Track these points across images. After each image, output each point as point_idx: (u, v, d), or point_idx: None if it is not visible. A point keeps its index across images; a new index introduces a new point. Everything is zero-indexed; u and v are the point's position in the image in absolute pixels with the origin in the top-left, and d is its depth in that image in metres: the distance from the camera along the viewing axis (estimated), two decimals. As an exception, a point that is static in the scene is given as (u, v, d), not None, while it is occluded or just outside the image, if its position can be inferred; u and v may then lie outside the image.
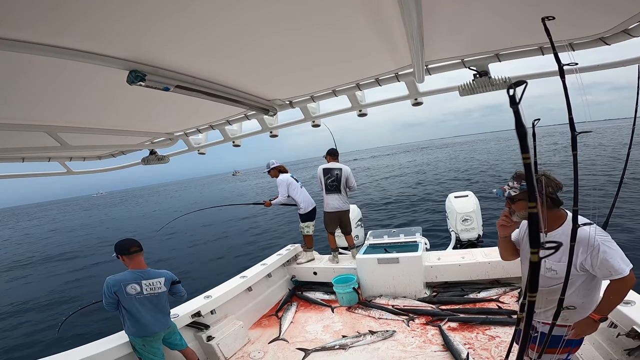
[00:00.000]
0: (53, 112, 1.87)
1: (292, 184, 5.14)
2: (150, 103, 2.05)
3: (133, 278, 2.83)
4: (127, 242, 2.93)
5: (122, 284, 2.77)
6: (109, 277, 2.79)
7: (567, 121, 1.35)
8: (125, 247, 2.87)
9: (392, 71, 2.21)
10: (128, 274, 2.85)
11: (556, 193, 1.91)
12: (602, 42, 1.79)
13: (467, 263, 4.24)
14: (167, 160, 3.34)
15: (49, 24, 1.01)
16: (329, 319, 4.15)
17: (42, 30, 1.03)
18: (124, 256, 2.87)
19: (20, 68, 1.26)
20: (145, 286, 2.86)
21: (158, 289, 2.94)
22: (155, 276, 2.95)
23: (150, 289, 2.89)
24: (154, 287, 2.92)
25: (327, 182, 4.95)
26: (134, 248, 2.90)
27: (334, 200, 4.97)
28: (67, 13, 0.97)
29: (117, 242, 2.91)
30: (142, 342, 2.84)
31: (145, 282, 2.87)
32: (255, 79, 1.99)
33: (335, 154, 5.15)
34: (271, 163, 5.32)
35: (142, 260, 2.95)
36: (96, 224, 30.50)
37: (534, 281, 0.88)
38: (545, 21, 1.32)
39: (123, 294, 2.76)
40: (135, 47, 1.29)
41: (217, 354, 3.47)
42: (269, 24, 1.31)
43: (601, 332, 2.41)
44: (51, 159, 2.91)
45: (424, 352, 3.18)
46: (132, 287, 2.80)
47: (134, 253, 2.89)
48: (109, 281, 2.76)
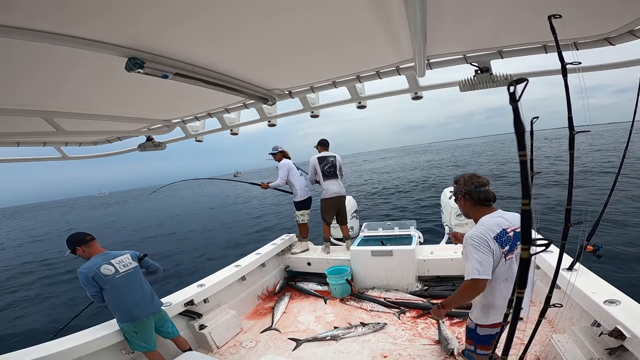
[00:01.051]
0: (49, 97, 1.85)
1: (293, 170, 5.16)
2: (148, 90, 2.03)
3: (102, 260, 2.79)
4: (78, 234, 2.86)
5: (95, 267, 2.71)
6: (79, 268, 2.72)
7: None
8: (81, 238, 2.82)
9: (393, 64, 2.20)
10: (96, 257, 2.80)
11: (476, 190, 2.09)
12: (607, 42, 1.78)
13: (459, 258, 4.28)
14: (164, 147, 3.33)
15: (48, 11, 1.00)
16: (321, 309, 4.20)
17: (42, 17, 1.02)
18: (82, 247, 2.80)
19: (15, 54, 1.25)
20: (117, 264, 2.82)
21: (130, 265, 2.91)
22: (121, 254, 2.93)
23: (123, 265, 2.85)
24: (125, 263, 2.89)
25: (324, 168, 4.97)
26: (88, 237, 2.86)
27: (333, 185, 4.99)
28: (69, 3, 0.96)
29: (67, 238, 2.81)
30: (134, 329, 2.82)
31: (115, 261, 2.83)
32: (255, 68, 1.97)
33: (327, 144, 5.22)
34: (278, 147, 5.34)
35: (98, 246, 2.91)
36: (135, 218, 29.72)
37: (523, 277, 0.90)
38: (552, 19, 1.32)
39: (101, 278, 2.71)
40: (134, 34, 1.27)
41: (209, 342, 3.49)
42: (270, 12, 1.29)
43: (584, 330, 2.45)
44: (46, 144, 2.88)
45: (413, 345, 3.23)
46: (106, 268, 2.75)
47: (90, 241, 2.85)
48: (82, 270, 2.70)
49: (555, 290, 1.71)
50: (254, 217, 18.44)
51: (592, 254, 2.77)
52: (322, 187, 5.03)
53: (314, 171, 5.04)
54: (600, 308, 2.37)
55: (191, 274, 8.78)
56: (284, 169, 5.10)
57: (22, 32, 1.04)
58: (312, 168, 5.04)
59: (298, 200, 5.19)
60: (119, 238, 17.71)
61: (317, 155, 5.06)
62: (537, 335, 1.80)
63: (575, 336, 2.47)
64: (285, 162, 5.17)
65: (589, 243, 2.80)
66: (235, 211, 22.06)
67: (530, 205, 0.80)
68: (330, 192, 4.97)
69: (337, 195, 5.01)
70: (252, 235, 13.45)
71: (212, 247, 12.52)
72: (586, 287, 2.64)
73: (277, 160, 5.29)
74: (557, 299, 1.66)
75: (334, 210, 5.12)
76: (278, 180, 5.08)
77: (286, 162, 5.17)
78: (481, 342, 2.17)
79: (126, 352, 2.94)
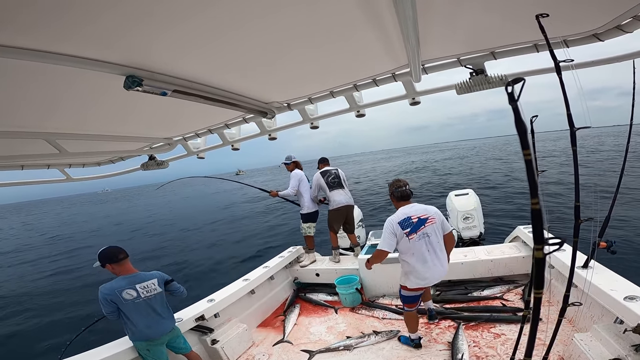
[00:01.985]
0: (52, 119, 1.87)
1: (304, 181, 5.13)
2: (147, 108, 2.04)
3: (127, 283, 2.78)
4: (113, 249, 2.84)
5: (117, 290, 2.72)
6: (101, 286, 2.72)
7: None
8: (113, 255, 2.80)
9: (389, 71, 2.21)
10: (121, 280, 2.79)
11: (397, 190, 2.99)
12: (595, 39, 1.79)
13: (469, 261, 4.23)
14: (167, 166, 3.34)
15: (48, 32, 1.01)
16: (332, 320, 4.14)
17: (42, 38, 1.03)
18: (113, 264, 2.79)
19: (18, 75, 1.26)
20: (141, 289, 2.82)
21: (154, 291, 2.90)
22: (148, 278, 2.92)
23: (146, 291, 2.85)
24: (149, 289, 2.88)
25: (328, 180, 4.97)
26: (122, 255, 2.84)
27: (340, 195, 4.97)
28: (66, 21, 0.97)
29: (100, 250, 2.80)
30: (147, 347, 2.82)
31: (140, 286, 2.83)
32: (253, 82, 1.98)
33: (326, 160, 5.32)
34: (292, 157, 5.31)
35: (130, 265, 2.90)
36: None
37: (539, 278, 0.87)
38: (540, 18, 1.32)
39: (120, 301, 2.71)
40: (132, 53, 1.28)
41: (222, 357, 3.46)
42: (266, 28, 1.30)
43: (608, 328, 2.40)
44: (50, 166, 2.91)
45: (429, 352, 3.17)
46: (128, 293, 2.75)
47: (122, 260, 2.83)
48: (103, 290, 2.69)
49: (572, 289, 1.68)
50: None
51: (606, 250, 2.72)
52: (330, 199, 5.00)
53: (318, 187, 5.04)
54: (621, 305, 2.33)
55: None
56: (295, 179, 5.07)
57: (17, 51, 1.05)
58: (316, 184, 5.03)
59: (305, 212, 5.15)
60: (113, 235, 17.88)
61: (320, 171, 5.10)
62: (559, 335, 1.76)
63: (598, 334, 2.43)
64: (297, 172, 5.15)
65: (601, 239, 2.76)
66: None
67: (541, 204, 0.78)
68: (338, 203, 4.95)
69: (345, 205, 4.99)
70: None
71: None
72: (604, 284, 2.59)
73: (289, 170, 5.27)
74: (575, 298, 1.63)
75: (342, 220, 5.11)
76: (288, 189, 5.06)
77: (298, 172, 5.15)
78: (406, 302, 3.09)
79: None
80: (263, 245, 11.88)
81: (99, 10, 0.95)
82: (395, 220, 2.86)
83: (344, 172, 5.23)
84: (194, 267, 10.67)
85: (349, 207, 5.08)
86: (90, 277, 10.45)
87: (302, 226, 5.25)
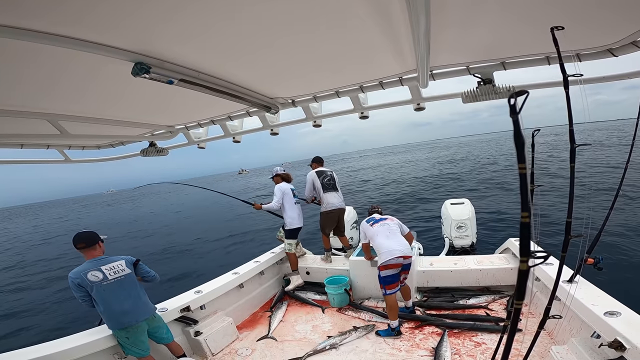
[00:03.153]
0: (55, 101, 1.87)
1: (288, 195, 4.95)
2: (152, 95, 2.05)
3: (92, 266, 2.77)
4: (82, 234, 2.86)
5: (82, 273, 2.70)
6: (70, 272, 2.73)
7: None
8: (75, 243, 2.81)
9: (396, 75, 2.21)
10: (86, 263, 2.78)
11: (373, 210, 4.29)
12: (609, 54, 1.79)
13: (458, 269, 4.27)
14: (166, 153, 3.34)
15: (60, 15, 1.02)
16: (318, 319, 4.16)
17: (53, 20, 1.04)
18: (78, 250, 2.81)
19: (26, 56, 1.27)
20: (107, 271, 2.79)
21: (122, 271, 2.87)
22: (114, 260, 2.89)
23: (113, 272, 2.82)
24: (116, 269, 2.85)
25: (324, 181, 4.97)
26: (81, 244, 2.82)
27: (334, 198, 4.98)
28: (78, 5, 0.98)
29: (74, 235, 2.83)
30: (126, 335, 2.79)
31: (106, 267, 2.80)
32: (259, 77, 1.99)
33: (321, 160, 5.28)
34: (275, 170, 5.16)
35: (97, 251, 2.88)
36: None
37: (520, 289, 0.90)
38: (555, 31, 1.32)
39: (87, 284, 2.68)
40: (142, 40, 1.30)
41: (205, 349, 3.45)
42: (277, 24, 1.32)
43: (584, 342, 2.44)
44: (50, 147, 2.90)
45: (411, 356, 3.20)
46: (93, 275, 2.72)
47: (82, 249, 2.83)
48: (70, 275, 2.71)
49: (555, 302, 1.70)
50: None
51: (593, 267, 2.76)
52: (323, 201, 4.99)
53: (312, 187, 5.03)
54: (600, 319, 2.36)
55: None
56: (278, 193, 4.91)
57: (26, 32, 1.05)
58: (310, 183, 5.03)
59: (287, 228, 4.96)
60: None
61: (315, 171, 5.08)
62: (536, 347, 1.78)
63: (575, 348, 2.46)
64: (281, 186, 4.98)
65: (589, 255, 2.79)
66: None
67: (530, 219, 0.81)
68: (331, 205, 4.96)
69: (338, 208, 5.01)
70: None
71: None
72: (586, 299, 2.62)
73: (275, 183, 5.11)
74: (557, 311, 1.66)
75: (334, 223, 5.12)
76: (273, 202, 4.89)
77: (283, 186, 4.98)
78: (386, 283, 3.59)
79: (119, 356, 2.90)
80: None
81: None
82: (364, 221, 4.10)
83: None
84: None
85: (341, 210, 5.11)
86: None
87: (286, 241, 5.01)
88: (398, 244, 3.69)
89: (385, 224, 3.90)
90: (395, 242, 3.71)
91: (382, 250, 3.65)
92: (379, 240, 3.75)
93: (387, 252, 3.59)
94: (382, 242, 3.71)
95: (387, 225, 3.89)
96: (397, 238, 3.78)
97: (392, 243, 3.68)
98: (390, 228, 3.86)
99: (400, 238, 3.81)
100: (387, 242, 3.70)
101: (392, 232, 3.84)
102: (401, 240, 3.78)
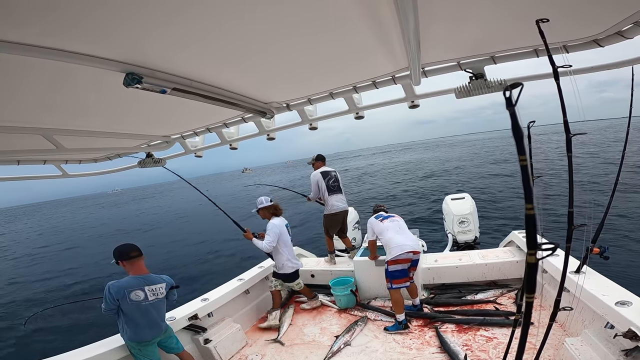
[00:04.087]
0: (49, 115, 1.86)
1: (284, 235, 4.17)
2: (146, 105, 2.04)
3: (137, 284, 2.76)
4: (127, 247, 2.85)
5: (126, 290, 2.70)
6: (111, 282, 2.70)
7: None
8: (125, 252, 2.81)
9: (389, 74, 2.22)
10: (131, 279, 2.77)
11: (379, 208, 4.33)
12: (595, 44, 1.80)
13: (464, 265, 4.25)
14: (164, 163, 3.33)
15: (48, 26, 1.00)
16: (326, 321, 4.14)
17: (41, 32, 1.03)
18: (125, 262, 2.79)
19: (17, 70, 1.25)
20: (149, 292, 2.81)
21: (161, 295, 2.90)
22: (158, 282, 2.91)
23: (153, 294, 2.84)
24: (157, 292, 2.87)
25: (329, 183, 4.94)
26: (134, 253, 2.83)
27: (339, 200, 4.96)
28: (67, 16, 0.97)
29: (116, 247, 2.83)
30: (138, 347, 2.81)
31: (149, 288, 2.82)
32: (253, 82, 1.99)
33: (324, 159, 5.19)
34: (260, 202, 4.26)
35: (143, 265, 2.89)
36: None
37: (531, 282, 0.89)
38: (540, 23, 1.33)
39: (126, 301, 2.69)
40: (132, 50, 1.28)
41: (215, 357, 3.44)
42: (268, 30, 1.31)
43: (598, 333, 2.43)
44: (47, 162, 2.89)
45: (422, 354, 3.18)
46: (136, 294, 2.74)
47: (135, 258, 2.82)
48: (111, 287, 2.67)
49: (564, 294, 1.69)
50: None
51: (599, 256, 2.75)
52: (327, 203, 4.95)
53: (317, 187, 4.98)
54: (612, 310, 2.35)
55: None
56: (272, 233, 4.03)
57: (13, 46, 1.04)
58: (316, 184, 4.98)
59: (281, 273, 4.22)
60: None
61: (320, 171, 5.02)
62: (550, 340, 1.78)
63: (589, 339, 2.45)
64: (275, 223, 4.12)
65: (594, 245, 2.78)
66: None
67: (534, 210, 0.79)
68: (337, 208, 4.94)
69: (342, 210, 5.01)
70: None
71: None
72: (596, 290, 2.62)
73: (262, 217, 4.28)
74: (567, 302, 1.64)
75: (338, 225, 5.10)
76: (264, 243, 4.01)
77: (277, 223, 4.13)
78: (394, 277, 3.63)
79: None
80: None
81: (94, 4, 0.94)
82: (372, 217, 4.15)
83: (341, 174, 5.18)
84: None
85: (345, 212, 5.10)
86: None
87: (271, 279, 4.35)
88: (408, 239, 3.76)
89: (395, 220, 3.99)
90: (405, 237, 3.78)
91: (392, 245, 3.68)
92: (389, 235, 3.78)
93: (397, 247, 3.63)
94: (393, 237, 3.74)
95: (397, 221, 3.98)
96: (406, 234, 3.87)
97: (402, 238, 3.74)
98: (400, 224, 3.95)
99: (409, 234, 3.90)
100: (397, 237, 3.74)
101: (402, 228, 3.93)
102: (411, 236, 3.86)
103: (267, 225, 4.12)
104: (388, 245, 3.75)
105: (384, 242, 3.84)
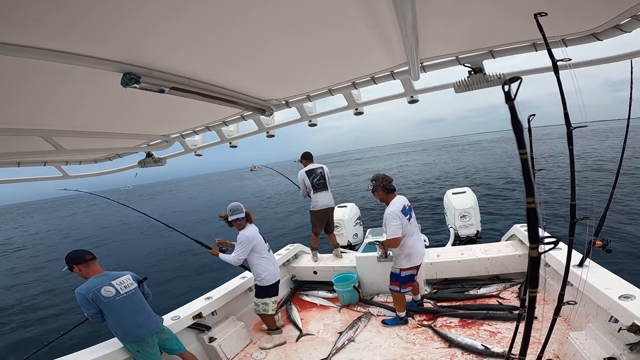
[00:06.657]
0: (48, 116, 1.86)
1: (259, 246, 3.65)
2: (145, 105, 2.03)
3: (102, 281, 2.71)
4: (79, 251, 2.79)
5: (95, 289, 2.64)
6: (77, 288, 2.64)
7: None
8: (80, 256, 2.75)
9: (387, 69, 2.21)
10: (94, 279, 2.72)
11: (389, 184, 3.44)
12: (594, 38, 1.79)
13: (466, 259, 4.25)
14: (164, 163, 3.33)
15: (45, 28, 1.00)
16: (329, 317, 4.16)
17: (38, 34, 1.02)
18: (80, 265, 2.73)
19: (15, 72, 1.25)
20: (118, 286, 2.76)
21: (131, 286, 2.86)
22: (120, 275, 2.87)
23: (124, 287, 2.79)
24: (126, 284, 2.83)
25: (314, 181, 4.96)
26: (89, 256, 2.78)
27: (323, 197, 4.99)
28: (63, 17, 0.96)
29: (67, 254, 2.75)
30: (137, 348, 2.79)
31: (116, 282, 2.77)
32: (251, 80, 1.98)
33: (310, 157, 5.16)
34: (233, 209, 3.61)
35: (98, 266, 2.84)
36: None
37: (534, 276, 0.88)
38: (538, 17, 1.32)
39: (101, 300, 2.64)
40: (129, 50, 1.28)
41: (220, 355, 3.47)
42: (266, 27, 1.30)
43: (603, 327, 2.43)
44: (47, 163, 2.89)
45: (425, 349, 3.18)
46: (107, 290, 2.69)
47: (90, 260, 2.78)
48: (80, 291, 2.62)
49: (568, 288, 1.69)
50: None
51: (601, 249, 2.74)
52: (312, 200, 5.01)
53: (304, 185, 5.02)
54: (616, 304, 2.35)
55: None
56: (243, 246, 3.53)
57: (10, 47, 1.03)
58: (302, 183, 5.03)
59: (262, 286, 3.71)
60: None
61: (305, 169, 5.04)
62: (554, 334, 1.78)
63: (593, 333, 2.45)
64: (246, 235, 3.57)
65: (597, 238, 2.77)
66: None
67: (535, 203, 0.78)
68: (320, 205, 4.98)
69: (326, 207, 5.03)
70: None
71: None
72: (599, 283, 2.61)
73: (238, 229, 3.67)
74: (571, 297, 1.64)
75: (324, 221, 5.13)
76: (232, 256, 3.57)
77: (249, 234, 3.59)
78: (404, 282, 3.50)
79: None
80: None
81: (91, 3, 0.93)
82: (398, 209, 3.35)
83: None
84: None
85: (330, 209, 5.11)
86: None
87: (256, 302, 3.74)
88: (423, 245, 3.60)
89: (413, 219, 3.52)
90: (421, 242, 3.58)
91: (414, 252, 3.44)
92: (412, 242, 3.44)
93: (417, 256, 3.47)
94: (415, 245, 3.46)
95: (414, 221, 3.56)
96: (420, 238, 3.65)
97: (421, 246, 3.55)
98: (416, 224, 3.61)
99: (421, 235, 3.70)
100: (418, 245, 3.50)
101: (417, 230, 3.62)
102: (422, 239, 3.67)
103: (238, 237, 3.60)
104: (409, 253, 3.43)
105: (405, 246, 3.42)
